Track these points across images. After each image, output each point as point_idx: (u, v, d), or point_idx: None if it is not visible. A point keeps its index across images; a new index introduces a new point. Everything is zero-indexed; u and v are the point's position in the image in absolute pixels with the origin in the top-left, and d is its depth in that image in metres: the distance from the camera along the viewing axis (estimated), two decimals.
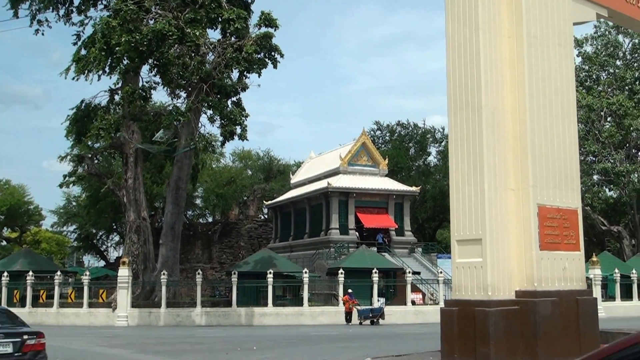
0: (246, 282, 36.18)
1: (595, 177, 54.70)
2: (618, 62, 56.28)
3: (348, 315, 34.18)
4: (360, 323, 33.35)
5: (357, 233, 49.90)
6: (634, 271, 40.54)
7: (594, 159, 53.96)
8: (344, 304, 34.65)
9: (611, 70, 55.93)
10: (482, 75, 14.86)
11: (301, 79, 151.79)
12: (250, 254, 53.25)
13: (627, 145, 53.91)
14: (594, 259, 38.30)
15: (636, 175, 52.92)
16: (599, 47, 56.31)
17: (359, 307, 34.30)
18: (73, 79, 36.42)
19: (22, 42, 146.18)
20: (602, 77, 56.78)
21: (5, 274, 37.04)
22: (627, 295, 40.84)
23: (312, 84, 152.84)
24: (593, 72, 56.36)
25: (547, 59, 15.74)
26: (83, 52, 37.10)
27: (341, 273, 35.82)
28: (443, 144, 68.71)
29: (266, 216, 71.92)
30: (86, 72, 36.10)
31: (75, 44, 37.98)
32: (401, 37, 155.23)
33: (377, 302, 35.21)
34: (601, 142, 52.24)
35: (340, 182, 50.20)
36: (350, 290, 34.58)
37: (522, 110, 15.13)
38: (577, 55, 54.47)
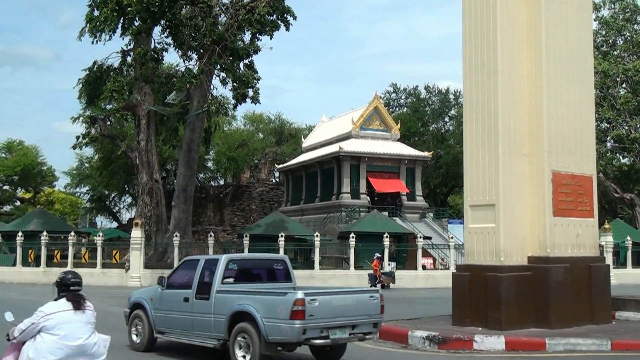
0: (258, 244, 36.29)
1: (609, 144, 54.18)
2: (635, 27, 55.26)
3: (376, 280, 33.92)
4: (371, 287, 33.50)
5: (368, 197, 49.91)
6: None
7: (608, 125, 53.39)
8: (373, 268, 34.35)
9: (628, 36, 55.00)
10: (498, 39, 14.65)
11: (310, 43, 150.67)
12: (261, 217, 53.40)
13: None
14: (607, 225, 38.11)
15: None
16: (617, 11, 55.27)
17: (369, 272, 34.40)
18: (92, 42, 36.25)
19: (31, 2, 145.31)
20: (618, 42, 55.86)
21: (20, 234, 37.31)
22: (638, 262, 40.81)
23: (321, 48, 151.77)
24: (610, 37, 55.44)
25: (565, 23, 15.48)
26: (96, 13, 36.81)
27: (352, 237, 35.86)
28: (457, 109, 68.04)
29: (278, 179, 71.95)
30: (97, 33, 35.84)
31: (89, 5, 37.69)
32: (410, 1, 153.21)
33: (388, 266, 35.29)
34: (616, 108, 51.60)
35: (352, 146, 50.04)
36: (378, 255, 34.51)
37: (538, 74, 14.94)
38: (594, 20, 53.57)
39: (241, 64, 36.68)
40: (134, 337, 12.57)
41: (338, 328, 10.15)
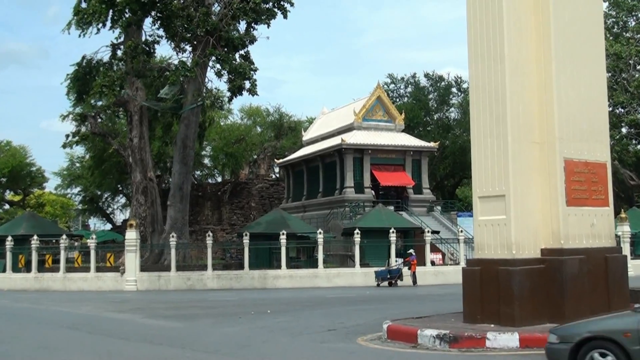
0: (258, 243, 35.68)
1: (624, 129, 53.15)
2: None
3: (413, 277, 33.57)
4: (378, 285, 32.80)
5: (373, 191, 49.05)
6: None
7: (622, 110, 52.31)
8: (409, 266, 33.78)
9: None
10: (504, 22, 14.36)
11: (309, 32, 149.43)
12: (261, 214, 52.79)
13: None
14: (623, 215, 37.25)
15: None
16: None
17: (376, 269, 33.71)
18: (79, 35, 35.56)
19: None
20: (630, 23, 54.76)
21: (9, 238, 36.58)
22: None
23: (321, 37, 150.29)
24: (621, 18, 54.36)
25: (574, 4, 15.26)
26: (83, 5, 35.97)
27: (357, 233, 35.16)
28: (462, 97, 66.53)
29: (278, 175, 71.24)
30: (85, 26, 35.01)
31: None
32: None
33: (395, 262, 34.61)
34: (630, 92, 50.48)
35: (355, 138, 49.22)
36: (411, 251, 33.95)
37: (547, 58, 14.65)
38: (604, 0, 52.53)
39: (237, 55, 36.12)
40: None
41: None
